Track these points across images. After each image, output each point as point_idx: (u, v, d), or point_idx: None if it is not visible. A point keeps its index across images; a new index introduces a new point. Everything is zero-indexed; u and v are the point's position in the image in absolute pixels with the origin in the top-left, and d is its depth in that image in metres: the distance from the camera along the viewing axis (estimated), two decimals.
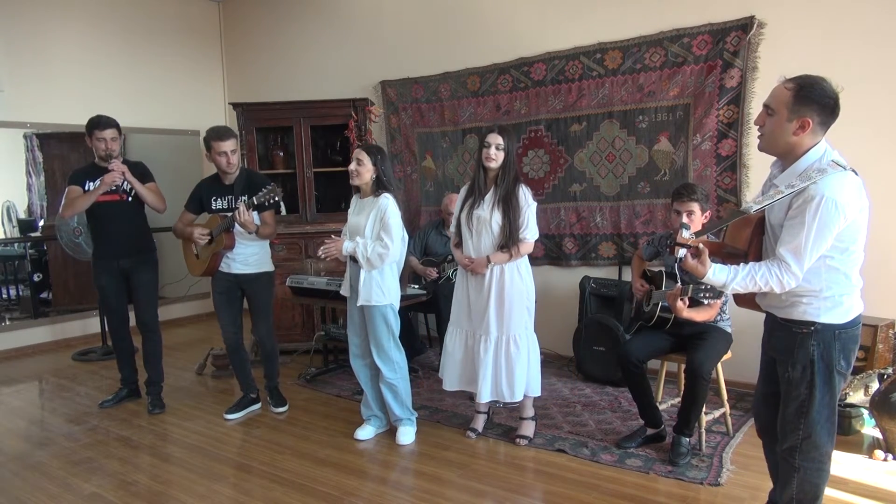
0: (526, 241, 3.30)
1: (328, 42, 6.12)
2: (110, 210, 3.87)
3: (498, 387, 3.35)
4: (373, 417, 3.59)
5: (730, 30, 3.97)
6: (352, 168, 3.33)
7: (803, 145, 1.99)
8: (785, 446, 2.14)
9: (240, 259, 3.76)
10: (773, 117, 2.00)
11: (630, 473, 3.04)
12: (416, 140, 5.58)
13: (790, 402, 2.11)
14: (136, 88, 6.28)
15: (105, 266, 3.95)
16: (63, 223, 5.30)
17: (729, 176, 4.09)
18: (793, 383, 2.09)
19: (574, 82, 4.63)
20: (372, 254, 3.23)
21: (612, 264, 4.63)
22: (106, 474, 3.20)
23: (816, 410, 2.05)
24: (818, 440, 2.07)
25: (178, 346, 5.70)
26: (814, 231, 1.91)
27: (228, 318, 3.86)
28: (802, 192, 1.94)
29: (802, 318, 2.04)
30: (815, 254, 1.95)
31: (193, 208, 3.87)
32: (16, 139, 5.71)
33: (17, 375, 5.03)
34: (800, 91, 1.94)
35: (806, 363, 2.04)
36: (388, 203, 3.27)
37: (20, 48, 5.56)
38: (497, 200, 3.28)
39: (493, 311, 3.32)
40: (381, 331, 3.36)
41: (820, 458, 2.10)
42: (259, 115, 5.31)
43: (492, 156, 3.24)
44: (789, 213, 1.98)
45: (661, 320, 3.26)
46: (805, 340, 2.04)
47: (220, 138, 3.65)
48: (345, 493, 2.94)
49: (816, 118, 1.94)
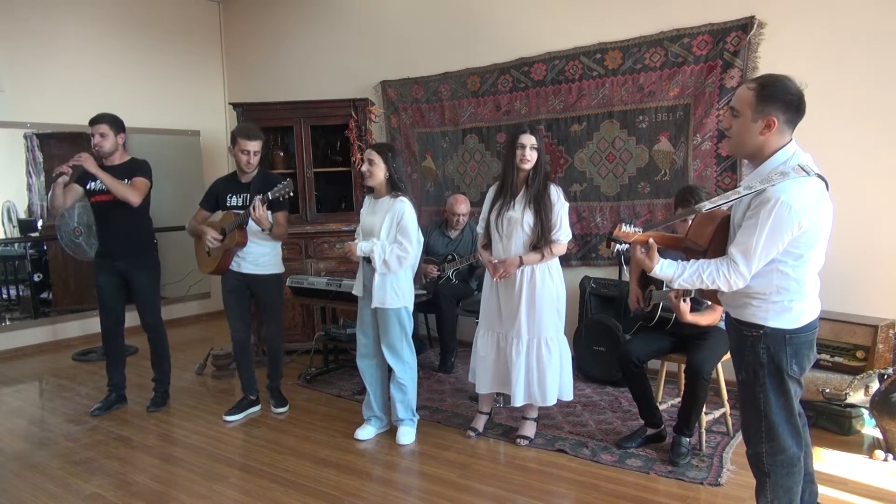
0: (559, 242, 3.25)
1: (328, 42, 6.12)
2: (106, 209, 3.86)
3: (530, 389, 3.32)
4: (373, 418, 3.59)
5: (730, 30, 3.97)
6: (364, 169, 3.33)
7: (770, 146, 1.97)
8: (750, 451, 2.13)
9: (250, 259, 3.77)
10: (738, 119, 1.99)
11: (630, 473, 3.04)
12: (416, 140, 5.58)
13: (748, 405, 2.11)
14: (137, 88, 6.28)
15: (103, 265, 3.95)
16: (63, 223, 5.30)
17: (729, 176, 4.09)
18: (746, 385, 2.08)
19: (574, 82, 4.63)
20: (390, 257, 3.24)
21: (613, 264, 4.62)
22: (106, 474, 3.20)
23: (774, 413, 2.03)
24: (783, 443, 2.05)
25: (179, 346, 5.69)
26: (765, 233, 1.89)
27: (238, 316, 3.87)
28: (760, 194, 1.92)
29: (751, 321, 2.03)
30: (765, 257, 1.93)
31: (208, 206, 3.88)
32: (16, 139, 5.70)
33: (18, 375, 5.03)
34: (762, 90, 1.93)
35: (756, 366, 2.03)
36: (405, 207, 3.29)
37: (20, 48, 5.56)
38: (529, 201, 3.24)
39: (525, 313, 3.27)
40: (396, 332, 3.36)
41: (789, 461, 2.06)
42: (259, 116, 5.31)
43: (527, 157, 3.20)
44: (746, 214, 1.97)
45: (662, 320, 3.26)
46: (755, 344, 2.02)
47: (248, 137, 3.70)
48: (345, 493, 2.94)
49: (781, 116, 1.93)
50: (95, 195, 3.86)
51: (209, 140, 6.99)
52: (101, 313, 4.02)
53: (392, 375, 3.44)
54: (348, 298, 4.30)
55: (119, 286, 3.99)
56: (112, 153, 3.85)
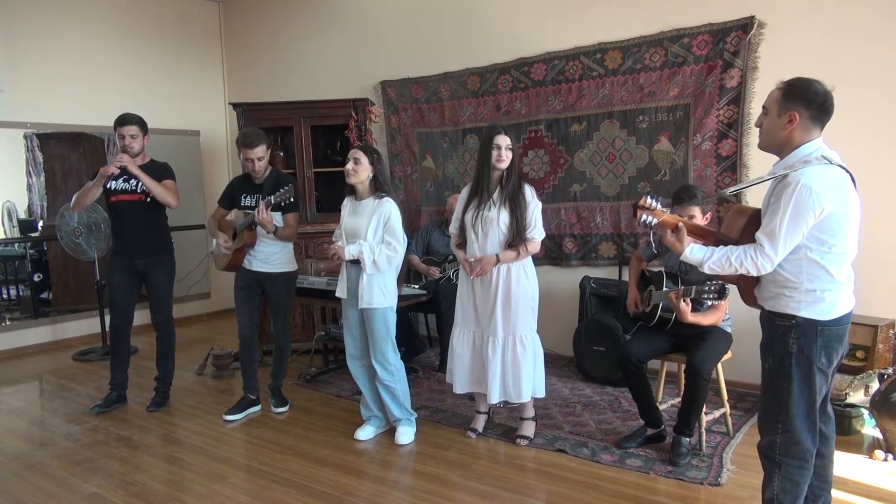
0: (533, 240, 3.31)
1: (328, 42, 6.12)
2: (129, 209, 3.91)
3: (506, 387, 3.35)
4: (372, 418, 3.59)
5: (730, 30, 3.97)
6: (349, 167, 3.34)
7: (795, 140, 2.07)
8: (764, 441, 2.14)
9: (261, 257, 3.82)
10: (767, 116, 2.14)
11: (630, 473, 3.04)
12: (416, 140, 5.58)
13: (769, 395, 2.14)
14: (136, 88, 6.27)
15: (120, 264, 3.97)
16: (63, 223, 5.31)
17: (729, 176, 4.09)
18: (771, 374, 2.11)
19: (574, 82, 4.63)
20: (380, 257, 3.26)
21: (613, 264, 4.63)
22: (106, 474, 3.20)
23: (795, 405, 2.06)
24: (798, 436, 2.07)
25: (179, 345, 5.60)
26: (788, 216, 1.97)
27: (246, 313, 3.90)
28: (783, 179, 2.02)
29: (784, 311, 2.07)
30: (791, 240, 1.99)
31: (225, 204, 3.94)
32: (16, 139, 5.71)
33: (18, 375, 5.03)
34: (788, 89, 2.08)
35: (784, 355, 2.07)
36: (391, 207, 3.32)
37: (20, 48, 5.56)
38: (504, 200, 3.29)
39: (500, 311, 3.31)
40: (381, 333, 3.36)
41: (801, 455, 2.08)
42: (259, 116, 5.31)
43: (503, 157, 3.25)
44: (770, 200, 2.07)
45: (662, 320, 3.26)
46: (785, 333, 2.06)
47: (250, 146, 3.71)
48: (345, 493, 2.94)
49: (804, 112, 2.04)
50: (117, 195, 3.90)
51: (209, 140, 7.00)
52: (112, 312, 4.04)
53: (376, 377, 3.43)
54: None
55: (133, 286, 4.02)
56: (139, 154, 3.91)
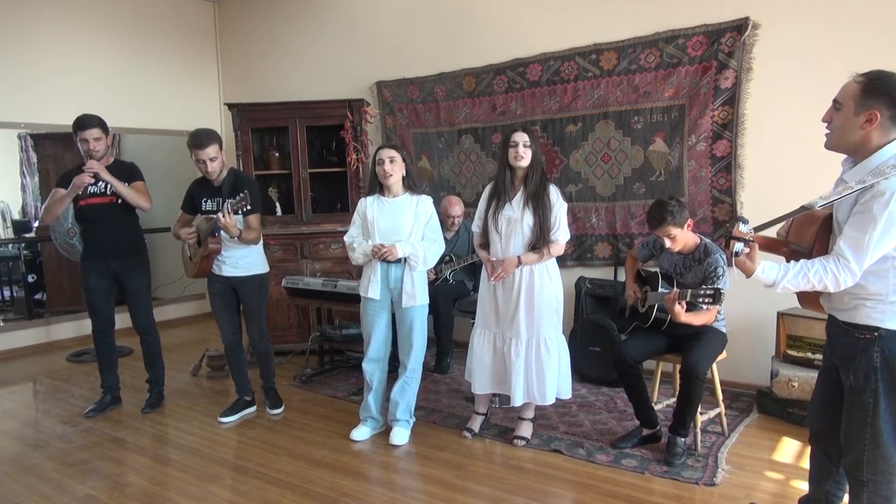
0: (557, 242, 3.25)
1: (324, 42, 6.12)
2: (101, 212, 3.84)
3: (529, 389, 3.31)
4: (369, 419, 3.58)
5: (725, 31, 3.98)
6: (386, 167, 3.33)
7: (872, 141, 1.89)
8: (849, 458, 2.02)
9: (230, 262, 3.74)
10: (840, 112, 1.94)
11: (625, 474, 3.05)
12: (411, 141, 5.58)
13: (853, 411, 1.99)
14: (131, 89, 6.26)
15: (94, 268, 3.91)
16: (58, 223, 5.28)
17: (724, 177, 4.10)
18: (856, 391, 1.97)
19: (569, 83, 4.63)
20: (429, 254, 3.34)
21: (608, 265, 4.63)
22: (100, 476, 3.19)
23: (882, 420, 1.93)
24: (885, 451, 1.95)
25: (174, 347, 5.68)
26: (879, 228, 1.81)
27: (226, 318, 3.85)
28: (871, 188, 1.83)
29: (866, 323, 1.94)
30: (878, 253, 1.84)
31: (188, 209, 3.85)
32: (10, 140, 5.69)
33: (11, 377, 5.01)
34: (869, 84, 1.89)
35: (869, 370, 1.93)
36: (431, 204, 3.43)
37: (14, 48, 5.53)
38: (527, 200, 3.24)
39: (524, 313, 3.26)
40: (420, 330, 3.41)
41: (889, 471, 1.97)
42: (254, 116, 5.30)
43: (520, 154, 3.19)
44: (855, 208, 1.88)
45: (658, 321, 3.27)
46: (868, 346, 1.93)
47: (199, 146, 3.57)
48: (340, 493, 2.94)
49: (886, 111, 1.86)
50: (87, 198, 3.82)
51: None
52: (92, 316, 3.98)
53: (400, 375, 3.45)
54: (344, 299, 4.31)
55: (110, 288, 3.97)
56: (104, 156, 3.82)
